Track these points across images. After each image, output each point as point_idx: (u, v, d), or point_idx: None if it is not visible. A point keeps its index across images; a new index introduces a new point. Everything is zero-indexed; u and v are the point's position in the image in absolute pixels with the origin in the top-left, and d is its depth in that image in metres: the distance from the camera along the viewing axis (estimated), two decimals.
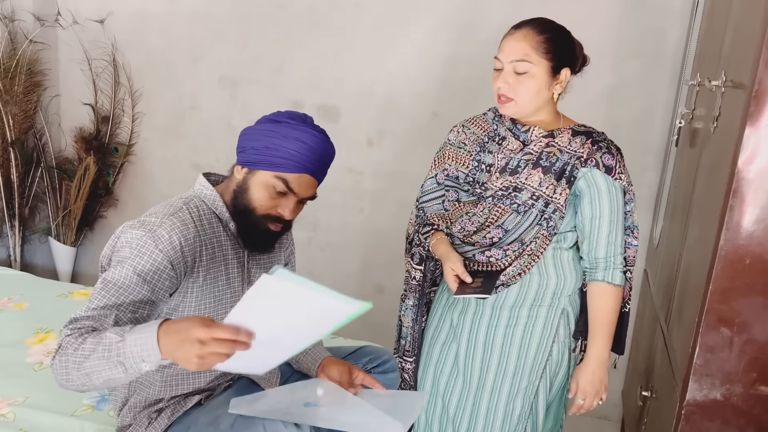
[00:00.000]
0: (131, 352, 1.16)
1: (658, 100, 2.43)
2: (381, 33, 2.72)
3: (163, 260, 1.32)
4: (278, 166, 1.38)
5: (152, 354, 1.15)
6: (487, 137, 1.64)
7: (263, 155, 1.38)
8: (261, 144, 1.39)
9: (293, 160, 1.38)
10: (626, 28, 2.41)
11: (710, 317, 1.36)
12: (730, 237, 1.31)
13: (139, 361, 1.16)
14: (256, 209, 1.42)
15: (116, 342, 1.17)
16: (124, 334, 1.18)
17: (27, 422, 1.64)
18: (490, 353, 1.63)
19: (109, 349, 1.17)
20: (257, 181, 1.41)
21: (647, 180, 2.48)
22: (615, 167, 1.53)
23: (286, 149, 1.38)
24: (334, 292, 1.05)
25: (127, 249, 1.32)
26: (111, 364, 1.17)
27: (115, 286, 1.30)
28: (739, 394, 1.37)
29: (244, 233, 1.46)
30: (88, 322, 1.26)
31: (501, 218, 1.57)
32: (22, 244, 3.22)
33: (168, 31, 3.03)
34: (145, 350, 1.15)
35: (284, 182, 1.39)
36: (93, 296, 1.31)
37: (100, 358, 1.18)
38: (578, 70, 1.59)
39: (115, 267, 1.32)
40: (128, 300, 1.30)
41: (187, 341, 1.11)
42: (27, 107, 3.06)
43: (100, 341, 1.19)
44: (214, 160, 3.04)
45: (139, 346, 1.15)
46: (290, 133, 1.38)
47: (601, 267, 1.55)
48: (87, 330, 1.25)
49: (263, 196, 1.41)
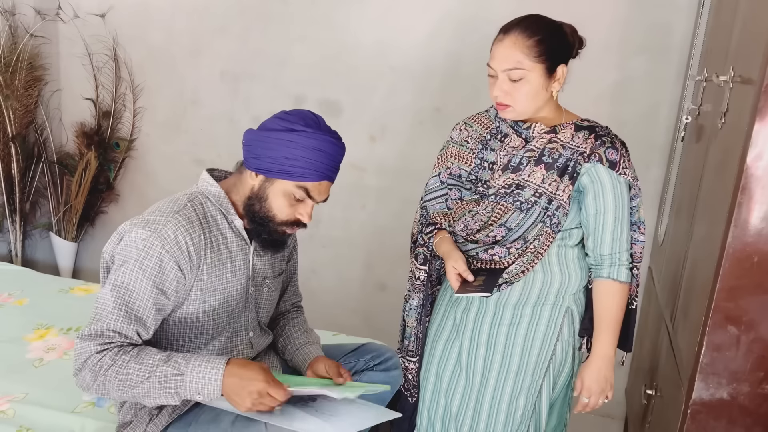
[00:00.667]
0: (190, 387, 1.28)
1: (664, 96, 2.41)
2: (383, 27, 2.70)
3: (170, 261, 1.32)
4: (299, 176, 1.38)
5: (212, 393, 1.28)
6: (489, 134, 1.62)
7: (282, 165, 1.37)
8: (278, 154, 1.36)
9: (313, 169, 1.38)
10: (632, 24, 2.39)
11: (717, 315, 1.34)
12: (738, 234, 1.29)
13: (196, 394, 1.29)
14: (277, 217, 1.42)
15: (173, 375, 1.28)
16: (181, 368, 1.29)
17: (27, 419, 1.63)
18: (492, 351, 1.61)
19: (165, 381, 1.28)
20: (277, 191, 1.40)
21: (652, 176, 2.46)
22: (619, 162, 1.50)
23: (305, 159, 1.37)
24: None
25: (133, 250, 1.32)
26: (166, 395, 1.29)
27: (126, 290, 1.32)
28: (746, 393, 1.36)
29: (261, 239, 1.46)
30: (117, 339, 1.31)
31: (504, 216, 1.55)
32: (23, 240, 3.21)
33: (169, 26, 3.01)
34: (206, 389, 1.28)
35: (305, 191, 1.40)
36: (105, 303, 1.32)
37: (154, 389, 1.28)
38: (575, 55, 1.56)
39: (122, 269, 1.32)
40: (141, 305, 1.32)
41: (247, 389, 1.28)
42: (28, 102, 3.05)
43: (152, 372, 1.28)
44: (216, 156, 3.02)
45: (201, 384, 1.28)
46: (310, 144, 1.36)
47: (606, 264, 1.53)
48: (117, 347, 1.30)
49: (283, 204, 1.41)
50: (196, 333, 1.45)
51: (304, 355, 1.61)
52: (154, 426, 1.42)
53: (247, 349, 1.57)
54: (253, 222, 1.44)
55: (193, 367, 1.28)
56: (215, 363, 1.29)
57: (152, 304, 1.33)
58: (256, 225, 1.44)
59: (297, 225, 1.45)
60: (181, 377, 1.27)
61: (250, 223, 1.44)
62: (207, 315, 1.43)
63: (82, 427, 1.61)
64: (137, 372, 1.28)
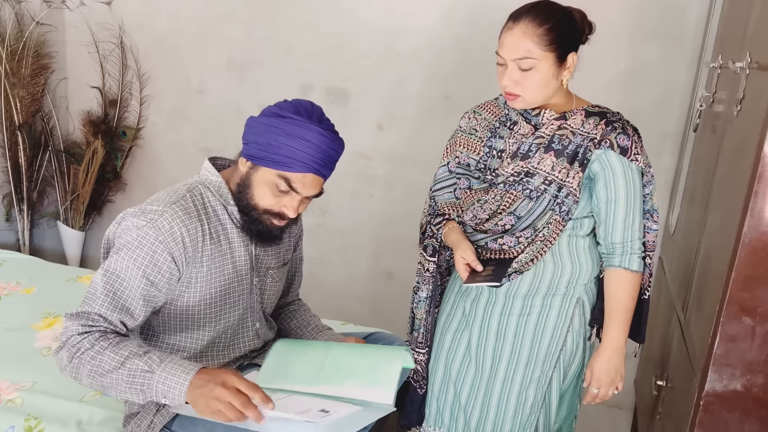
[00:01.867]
0: (156, 388, 1.22)
1: (677, 83, 2.37)
2: (392, 15, 2.66)
3: (163, 251, 1.31)
4: (281, 165, 1.32)
5: (176, 399, 1.21)
6: (498, 122, 1.60)
7: (266, 152, 1.32)
8: (263, 140, 1.33)
9: (297, 159, 1.32)
10: (645, 9, 2.35)
11: (731, 306, 1.32)
12: (753, 224, 1.27)
13: (161, 397, 1.22)
14: (258, 205, 1.38)
15: (143, 371, 1.23)
16: (152, 365, 1.23)
17: (35, 408, 1.63)
18: (502, 342, 1.60)
19: (134, 375, 1.23)
20: (260, 178, 1.36)
21: (664, 165, 2.43)
22: (631, 148, 1.47)
23: (288, 147, 1.31)
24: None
25: (128, 238, 1.31)
26: (132, 390, 1.24)
27: (117, 278, 1.31)
28: (760, 385, 1.34)
29: (247, 228, 1.43)
30: (101, 323, 1.30)
31: (513, 205, 1.53)
32: (31, 228, 3.21)
33: (176, 13, 2.99)
34: (170, 393, 1.21)
35: (287, 181, 1.34)
36: (95, 286, 1.32)
37: (121, 380, 1.24)
38: (585, 41, 1.52)
39: (116, 256, 1.32)
40: (129, 294, 1.31)
41: (213, 381, 1.19)
42: (34, 90, 3.04)
43: (123, 363, 1.24)
44: (223, 144, 3.01)
45: (167, 386, 1.21)
46: (294, 131, 1.31)
47: (617, 252, 1.51)
48: (100, 331, 1.29)
49: (265, 193, 1.36)
50: (198, 325, 1.44)
51: (329, 336, 1.62)
52: (161, 417, 1.41)
53: (254, 340, 1.56)
54: (241, 211, 1.41)
55: (164, 367, 1.23)
56: (187, 368, 1.23)
57: (140, 295, 1.31)
58: (243, 214, 1.41)
59: (282, 218, 1.40)
60: (151, 374, 1.22)
61: (239, 212, 1.41)
62: (209, 306, 1.42)
63: (89, 416, 1.61)
64: (110, 360, 1.24)
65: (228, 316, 1.47)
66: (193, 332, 1.45)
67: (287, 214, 1.39)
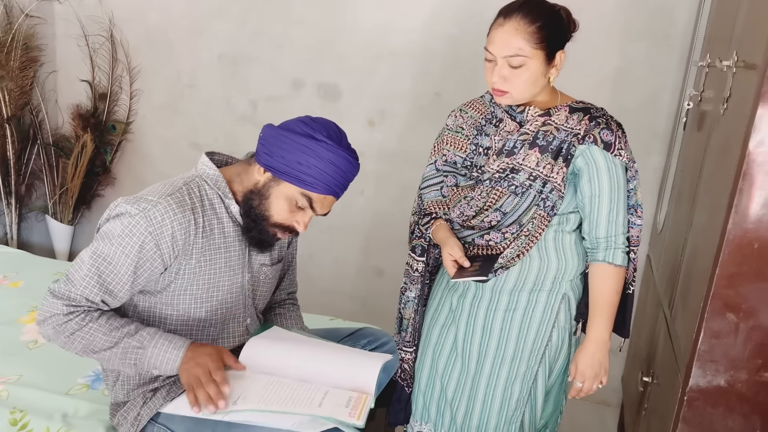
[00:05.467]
0: (148, 362, 1.34)
1: (665, 83, 2.39)
2: (383, 11, 2.66)
3: (151, 242, 1.32)
4: (306, 184, 1.37)
5: (168, 371, 1.35)
6: (484, 120, 1.61)
7: (293, 168, 1.36)
8: (293, 157, 1.35)
9: (323, 181, 1.37)
10: (634, 9, 2.36)
11: (716, 303, 1.33)
12: (738, 221, 1.28)
13: (152, 369, 1.35)
14: (272, 217, 1.41)
15: (135, 348, 1.34)
16: (144, 342, 1.34)
17: (21, 401, 1.62)
18: (488, 337, 1.61)
19: (126, 351, 1.34)
20: (280, 192, 1.39)
21: (653, 164, 2.45)
22: (614, 143, 1.48)
23: (318, 170, 1.36)
24: None
25: (119, 225, 1.32)
26: (125, 364, 1.36)
27: (104, 262, 1.33)
28: (743, 381, 1.35)
29: (249, 235, 1.45)
30: (85, 304, 1.35)
31: (499, 201, 1.54)
32: (19, 222, 3.19)
33: (166, 7, 2.97)
34: (162, 365, 1.34)
35: (308, 200, 1.39)
36: (81, 266, 1.35)
37: (115, 357, 1.35)
38: (569, 39, 1.53)
39: (106, 241, 1.34)
40: (115, 279, 1.34)
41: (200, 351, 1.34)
42: (23, 83, 3.02)
43: (117, 343, 1.34)
44: (213, 140, 2.99)
45: (158, 360, 1.34)
46: (326, 156, 1.35)
47: (602, 247, 1.52)
48: (86, 312, 1.35)
49: (283, 208, 1.40)
50: (187, 317, 1.44)
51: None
52: (148, 409, 1.41)
53: (243, 336, 1.55)
54: (247, 217, 1.43)
55: (155, 343, 1.34)
56: (177, 343, 1.35)
57: (126, 280, 1.34)
58: (249, 220, 1.43)
59: (290, 231, 1.44)
60: (142, 351, 1.34)
61: (244, 217, 1.44)
62: (197, 299, 1.42)
63: (75, 410, 1.60)
64: (103, 342, 1.34)
65: (219, 311, 1.47)
66: (183, 324, 1.45)
67: (297, 229, 1.43)
